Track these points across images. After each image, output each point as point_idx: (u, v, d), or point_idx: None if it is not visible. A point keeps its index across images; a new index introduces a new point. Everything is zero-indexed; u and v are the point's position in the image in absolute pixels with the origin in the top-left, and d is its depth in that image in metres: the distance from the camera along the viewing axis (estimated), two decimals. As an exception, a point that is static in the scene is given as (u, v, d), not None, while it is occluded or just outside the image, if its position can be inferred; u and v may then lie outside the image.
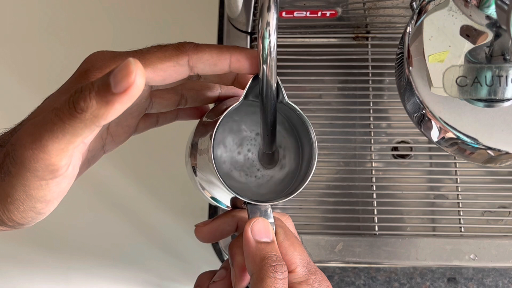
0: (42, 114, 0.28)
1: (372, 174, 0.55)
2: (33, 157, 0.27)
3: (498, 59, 0.34)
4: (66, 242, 0.61)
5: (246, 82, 0.35)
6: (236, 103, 0.35)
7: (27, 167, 0.28)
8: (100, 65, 0.33)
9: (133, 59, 0.25)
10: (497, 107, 0.34)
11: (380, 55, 0.58)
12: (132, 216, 0.62)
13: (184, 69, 0.33)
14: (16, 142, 0.28)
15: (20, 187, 0.29)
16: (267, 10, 0.31)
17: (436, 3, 0.36)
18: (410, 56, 0.36)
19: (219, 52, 0.33)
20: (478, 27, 0.34)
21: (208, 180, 0.37)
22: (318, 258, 0.52)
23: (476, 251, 0.52)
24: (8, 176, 0.29)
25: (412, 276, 0.55)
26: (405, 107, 0.39)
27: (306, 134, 0.37)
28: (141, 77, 0.25)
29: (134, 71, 0.25)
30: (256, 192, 0.40)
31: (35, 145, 0.27)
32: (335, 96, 0.59)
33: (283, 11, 0.54)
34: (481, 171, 0.56)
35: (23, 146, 0.28)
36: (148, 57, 0.32)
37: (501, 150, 0.34)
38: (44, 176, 0.28)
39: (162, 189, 0.62)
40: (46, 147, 0.27)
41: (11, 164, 0.29)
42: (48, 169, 0.28)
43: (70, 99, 0.26)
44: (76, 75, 0.33)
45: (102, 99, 0.25)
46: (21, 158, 0.28)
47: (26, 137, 0.28)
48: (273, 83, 0.33)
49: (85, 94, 0.26)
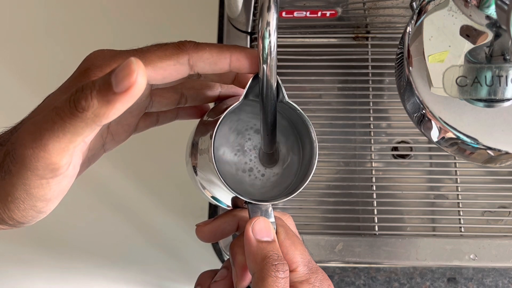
0: (42, 113, 0.28)
1: (372, 174, 0.55)
2: (33, 156, 0.27)
3: (498, 59, 0.34)
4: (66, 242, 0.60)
5: (246, 81, 0.35)
6: (237, 103, 0.35)
7: (27, 166, 0.28)
8: (100, 63, 0.32)
9: (134, 59, 0.25)
10: (497, 107, 0.34)
11: (380, 55, 0.58)
12: (132, 216, 0.62)
13: (184, 68, 0.33)
14: (17, 141, 0.28)
15: (21, 186, 0.29)
16: (267, 10, 0.31)
17: (436, 3, 0.36)
18: (410, 56, 0.36)
19: (219, 51, 0.33)
20: (478, 27, 0.34)
21: (208, 179, 0.37)
22: (318, 258, 0.52)
23: (476, 251, 0.52)
24: (9, 175, 0.29)
25: (412, 276, 0.55)
26: (405, 107, 0.39)
27: (307, 133, 0.37)
28: (142, 76, 0.25)
29: (136, 71, 0.25)
30: (257, 191, 0.40)
31: (36, 144, 0.27)
32: (335, 96, 0.59)
33: (283, 11, 0.54)
34: (481, 171, 0.56)
35: (24, 145, 0.28)
36: (148, 55, 0.32)
37: (501, 150, 0.34)
38: (44, 175, 0.28)
39: (162, 189, 0.62)
40: (47, 146, 0.27)
41: (12, 163, 0.29)
42: (48, 168, 0.28)
43: (71, 98, 0.26)
44: (76, 73, 0.33)
45: (104, 98, 0.25)
46: (22, 157, 0.28)
47: (26, 136, 0.28)
48: (273, 82, 0.33)
49: (86, 93, 0.26)
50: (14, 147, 0.28)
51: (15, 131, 0.32)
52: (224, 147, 0.40)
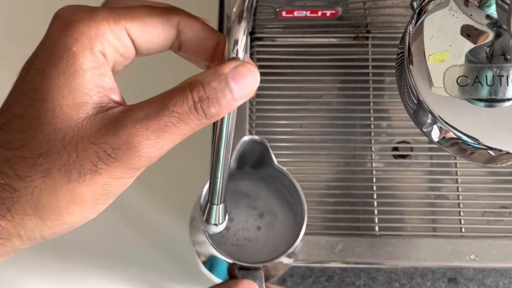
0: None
1: (373, 174, 0.55)
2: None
3: (498, 59, 0.34)
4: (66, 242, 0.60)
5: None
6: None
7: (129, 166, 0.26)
8: (81, 17, 0.26)
9: (254, 66, 0.26)
10: (498, 107, 0.34)
11: (381, 55, 0.58)
12: (131, 215, 0.62)
13: (172, 32, 0.28)
14: (122, 145, 0.25)
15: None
16: (238, 22, 0.28)
17: (436, 3, 0.36)
18: (411, 55, 0.35)
19: (211, 30, 0.30)
20: (478, 27, 0.33)
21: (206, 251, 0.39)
22: (318, 258, 0.52)
23: (476, 252, 0.52)
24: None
25: (413, 277, 0.55)
26: (405, 107, 0.38)
27: (297, 196, 0.38)
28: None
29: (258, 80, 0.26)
30: (249, 255, 0.41)
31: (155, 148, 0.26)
32: (335, 96, 0.59)
33: (283, 11, 0.54)
34: (481, 171, 0.56)
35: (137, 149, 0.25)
36: (135, 10, 0.27)
37: (502, 150, 0.34)
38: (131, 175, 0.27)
39: (162, 189, 0.62)
40: (163, 150, 0.26)
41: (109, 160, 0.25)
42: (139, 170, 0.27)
43: (198, 106, 0.25)
44: (54, 32, 0.27)
45: (229, 107, 0.26)
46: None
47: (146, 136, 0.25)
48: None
49: (214, 102, 0.25)
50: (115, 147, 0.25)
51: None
52: None
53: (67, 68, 0.25)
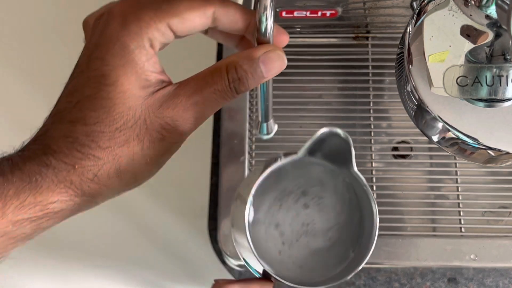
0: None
1: (373, 174, 0.55)
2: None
3: (498, 59, 0.34)
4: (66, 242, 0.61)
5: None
6: (284, 161, 0.35)
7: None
8: (132, 19, 0.31)
9: (281, 52, 0.32)
10: (498, 107, 0.34)
11: (380, 55, 0.58)
12: (131, 215, 0.62)
13: (208, 22, 0.32)
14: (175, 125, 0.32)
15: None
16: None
17: (436, 3, 0.36)
18: (411, 55, 0.35)
19: (243, 11, 0.33)
20: (478, 27, 0.33)
21: (241, 243, 0.37)
22: (318, 258, 0.52)
23: (476, 251, 0.52)
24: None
25: (413, 277, 0.55)
26: (405, 107, 0.38)
27: (369, 210, 0.36)
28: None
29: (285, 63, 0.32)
30: (293, 265, 0.38)
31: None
32: (335, 96, 0.59)
33: (283, 11, 0.54)
34: (481, 171, 0.56)
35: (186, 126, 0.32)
36: (176, 5, 0.31)
37: (501, 150, 0.34)
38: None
39: (162, 189, 0.62)
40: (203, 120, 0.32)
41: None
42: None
43: (231, 86, 0.31)
44: (113, 30, 0.31)
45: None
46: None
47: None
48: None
49: (244, 82, 0.31)
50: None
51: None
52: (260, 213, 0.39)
53: (128, 61, 0.31)
